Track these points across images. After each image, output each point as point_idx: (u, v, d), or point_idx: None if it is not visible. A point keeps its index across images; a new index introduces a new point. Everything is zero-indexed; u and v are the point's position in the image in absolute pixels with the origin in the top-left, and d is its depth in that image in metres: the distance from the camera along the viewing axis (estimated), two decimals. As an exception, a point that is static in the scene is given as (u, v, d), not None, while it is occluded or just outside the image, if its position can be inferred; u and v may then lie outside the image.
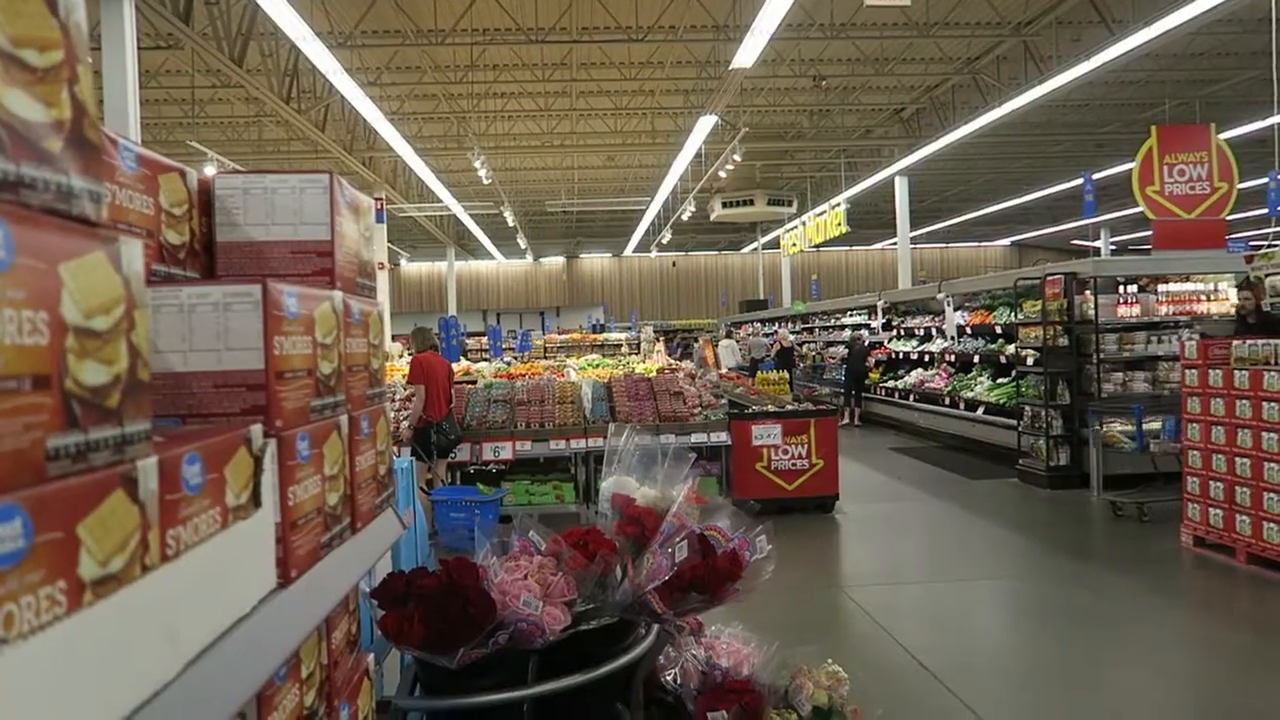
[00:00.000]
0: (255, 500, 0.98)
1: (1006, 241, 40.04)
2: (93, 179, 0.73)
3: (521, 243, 28.57)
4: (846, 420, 14.35)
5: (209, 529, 0.86)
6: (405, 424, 7.52)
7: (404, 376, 9.25)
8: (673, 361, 12.40)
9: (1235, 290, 7.60)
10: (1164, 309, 9.18)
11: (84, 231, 0.70)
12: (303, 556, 1.13)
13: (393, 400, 7.74)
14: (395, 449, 6.68)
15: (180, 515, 0.81)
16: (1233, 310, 7.41)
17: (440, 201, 21.20)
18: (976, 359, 11.64)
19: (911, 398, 12.85)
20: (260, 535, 1.00)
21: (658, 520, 2.23)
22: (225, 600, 0.91)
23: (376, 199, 18.32)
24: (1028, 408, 9.28)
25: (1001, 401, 10.31)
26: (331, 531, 1.26)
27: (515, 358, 17.25)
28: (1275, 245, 7.29)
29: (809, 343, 19.98)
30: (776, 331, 18.78)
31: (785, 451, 7.78)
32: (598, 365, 11.71)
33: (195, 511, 0.84)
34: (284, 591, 1.06)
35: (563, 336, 24.26)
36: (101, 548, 0.67)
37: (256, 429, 1.00)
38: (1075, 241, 36.03)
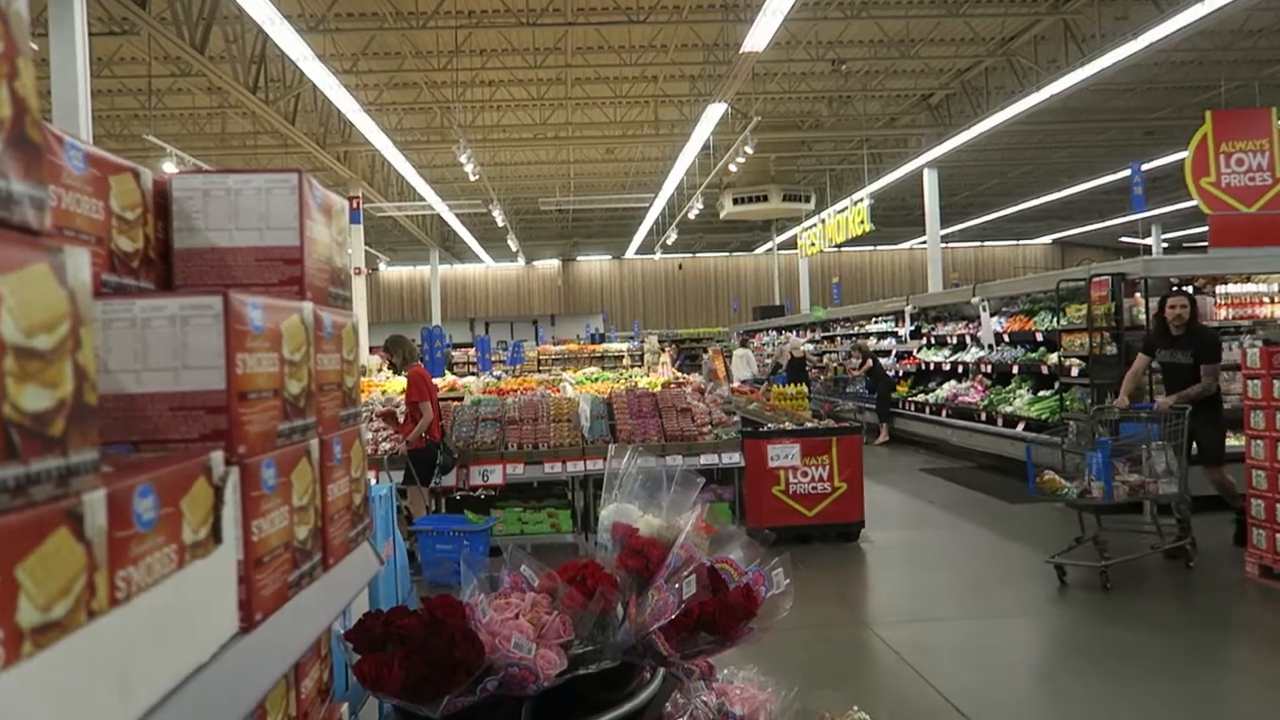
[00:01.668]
0: (215, 536, 0.97)
1: (1047, 239, 40.08)
2: (35, 183, 0.73)
3: (512, 244, 28.67)
4: (884, 438, 14.41)
5: (164, 569, 0.86)
6: (386, 445, 7.52)
7: (383, 393, 9.27)
8: (679, 375, 12.39)
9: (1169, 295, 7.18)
10: (1223, 313, 9.17)
11: (25, 241, 0.70)
12: (268, 597, 1.13)
13: (370, 420, 7.74)
14: (375, 474, 6.68)
15: (132, 554, 0.80)
16: (1169, 315, 7.06)
17: (422, 200, 21.27)
18: (1015, 369, 11.63)
19: (944, 413, 12.84)
20: (221, 575, 1.00)
21: (663, 552, 2.22)
22: (182, 647, 0.91)
23: (352, 197, 18.45)
24: (1073, 423, 9.26)
25: (1043, 416, 10.29)
26: (300, 569, 1.26)
27: (506, 371, 17.28)
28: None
29: (830, 352, 19.98)
30: (789, 340, 18.81)
31: (804, 474, 7.77)
32: (597, 379, 11.71)
33: (148, 550, 0.83)
34: (248, 636, 1.05)
35: (558, 347, 24.31)
36: (43, 592, 0.67)
37: (217, 456, 1.00)
38: (1123, 239, 36.04)
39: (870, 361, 14.93)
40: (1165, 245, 33.19)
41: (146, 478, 0.84)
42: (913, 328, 15.50)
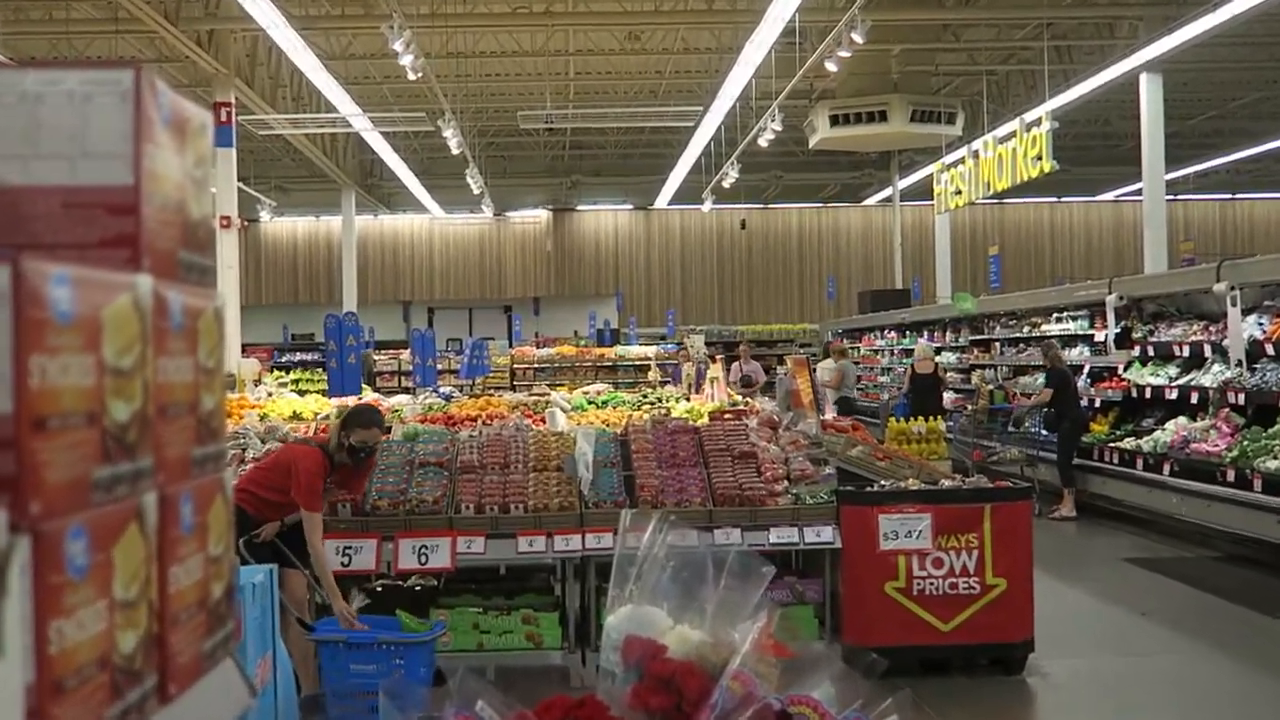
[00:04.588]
0: (-9, 645, 0.98)
1: (1339, 191, 39.82)
2: None
3: (474, 185, 28.79)
4: (1069, 510, 14.27)
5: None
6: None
7: (262, 418, 9.34)
8: (739, 398, 12.40)
9: None
10: None
11: None
12: (73, 744, 1.14)
13: (241, 464, 7.80)
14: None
15: None
16: None
17: (334, 111, 21.39)
18: (1285, 401, 11.56)
19: (1166, 468, 12.76)
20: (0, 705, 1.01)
21: (706, 684, 2.22)
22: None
23: (220, 105, 18.58)
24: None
25: (1329, 478, 10.23)
26: (126, 699, 1.26)
27: (460, 387, 17.34)
28: None
29: (982, 367, 19.90)
30: (918, 345, 18.74)
31: (939, 563, 7.74)
32: (606, 402, 11.73)
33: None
34: (39, 807, 1.06)
35: (544, 350, 24.39)
36: None
37: (-4, 519, 1.01)
38: None
39: (1060, 380, 14.67)
40: None
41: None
42: (1118, 330, 15.41)
